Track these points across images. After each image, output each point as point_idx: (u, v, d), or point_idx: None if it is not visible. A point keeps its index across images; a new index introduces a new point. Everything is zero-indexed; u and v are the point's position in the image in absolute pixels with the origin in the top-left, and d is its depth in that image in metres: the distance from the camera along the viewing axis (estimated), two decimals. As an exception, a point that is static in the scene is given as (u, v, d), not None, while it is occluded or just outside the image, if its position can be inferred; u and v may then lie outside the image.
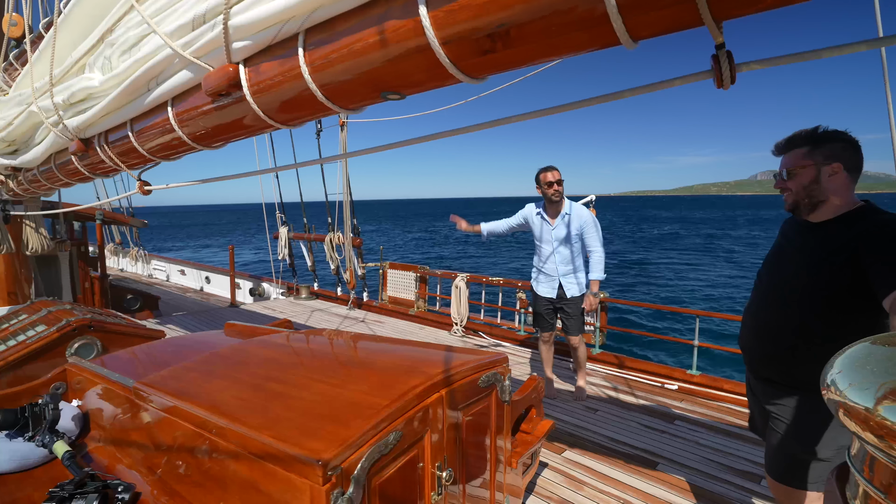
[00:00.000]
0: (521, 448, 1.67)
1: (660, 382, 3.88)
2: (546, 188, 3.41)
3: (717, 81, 0.87)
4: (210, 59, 1.40)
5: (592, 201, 4.74)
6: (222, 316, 6.79)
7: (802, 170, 1.38)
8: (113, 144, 2.11)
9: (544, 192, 3.44)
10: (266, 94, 1.34)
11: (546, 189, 3.42)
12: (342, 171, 7.30)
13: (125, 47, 1.63)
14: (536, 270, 3.64)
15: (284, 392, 1.19)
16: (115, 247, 12.93)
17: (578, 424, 3.12)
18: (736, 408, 3.43)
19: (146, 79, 1.61)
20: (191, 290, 9.93)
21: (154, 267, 11.79)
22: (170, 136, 1.78)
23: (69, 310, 3.31)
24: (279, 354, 1.51)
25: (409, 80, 1.10)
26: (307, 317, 6.78)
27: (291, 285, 8.55)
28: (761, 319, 1.44)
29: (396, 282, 7.25)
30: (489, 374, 1.41)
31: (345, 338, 1.79)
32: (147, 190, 2.41)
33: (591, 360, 4.45)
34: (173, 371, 1.49)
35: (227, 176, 1.98)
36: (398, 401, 1.09)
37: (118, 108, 1.84)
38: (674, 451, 2.78)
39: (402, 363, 1.35)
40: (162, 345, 2.27)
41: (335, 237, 7.58)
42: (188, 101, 1.59)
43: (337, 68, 1.15)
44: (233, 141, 1.77)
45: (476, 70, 1.01)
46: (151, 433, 1.36)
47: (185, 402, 1.22)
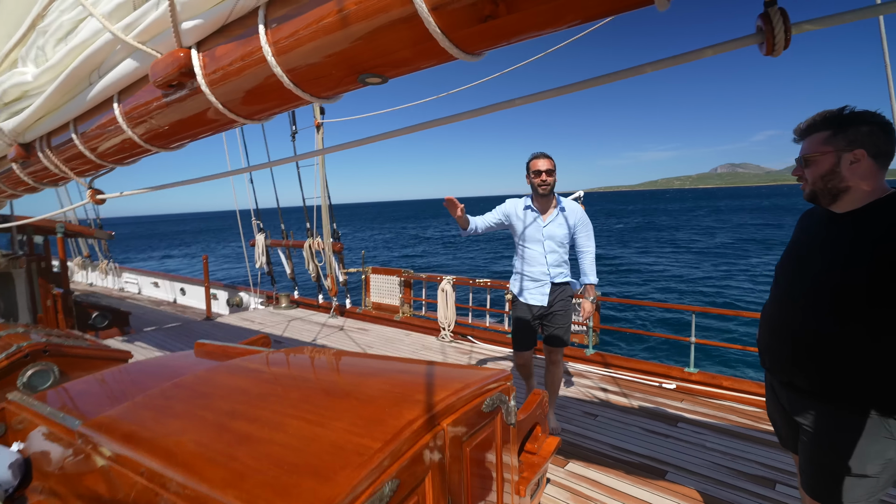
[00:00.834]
0: (528, 472, 1.51)
1: (657, 382, 3.79)
2: (532, 177, 2.89)
3: (766, 47, 0.73)
4: (157, 43, 1.20)
5: (581, 197, 4.61)
6: (196, 330, 6.47)
7: (820, 157, 1.26)
8: (57, 149, 1.87)
9: (531, 184, 2.94)
10: (225, 84, 1.15)
11: (532, 178, 2.90)
12: (319, 174, 7.06)
13: (60, 35, 1.41)
14: (520, 276, 3.03)
15: (253, 434, 1.00)
16: (83, 260, 12.34)
17: (579, 433, 2.98)
18: (738, 406, 3.35)
19: (86, 70, 1.40)
20: (165, 303, 9.51)
21: (125, 280, 11.28)
22: (119, 138, 1.57)
23: (22, 333, 3.02)
24: (249, 383, 1.31)
25: (391, 59, 0.93)
26: (288, 327, 6.51)
27: (271, 294, 8.25)
28: (787, 321, 1.31)
29: (380, 287, 7.04)
30: (493, 396, 1.25)
31: (326, 358, 1.60)
32: (100, 199, 2.17)
33: (585, 361, 4.33)
34: (126, 408, 1.28)
35: (194, 179, 1.77)
36: (393, 441, 0.91)
37: (58, 107, 1.62)
38: (681, 457, 2.67)
39: (393, 390, 1.17)
40: (122, 372, 2.04)
41: (314, 243, 7.33)
42: (137, 96, 1.39)
43: (306, 48, 0.97)
44: (192, 140, 1.57)
45: (472, 43, 0.85)
46: (100, 486, 1.15)
47: (136, 451, 1.03)
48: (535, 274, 2.97)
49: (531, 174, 2.89)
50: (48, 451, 1.43)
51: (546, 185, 2.87)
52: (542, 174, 2.86)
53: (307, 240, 7.39)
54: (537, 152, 2.93)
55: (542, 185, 2.86)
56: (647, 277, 18.51)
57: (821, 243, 1.29)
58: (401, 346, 5.37)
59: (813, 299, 1.26)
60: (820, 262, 1.26)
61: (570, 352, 4.50)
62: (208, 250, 40.91)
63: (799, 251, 1.36)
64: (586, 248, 3.04)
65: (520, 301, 3.02)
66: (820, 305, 1.24)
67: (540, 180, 2.86)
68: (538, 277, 2.97)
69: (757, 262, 22.15)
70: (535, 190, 2.91)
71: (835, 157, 1.24)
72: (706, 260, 23.57)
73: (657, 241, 33.19)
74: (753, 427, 3.02)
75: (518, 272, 3.06)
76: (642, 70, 0.82)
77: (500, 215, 3.06)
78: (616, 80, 0.84)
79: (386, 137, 1.18)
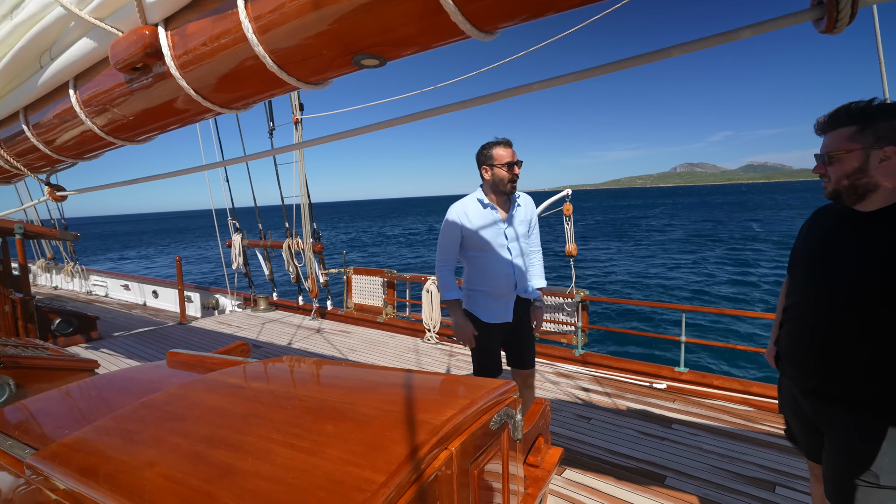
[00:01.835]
0: (532, 489, 1.42)
1: (647, 382, 3.76)
2: (502, 171, 2.29)
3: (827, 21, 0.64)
4: (118, 20, 1.06)
5: (569, 195, 4.55)
6: (170, 335, 6.18)
7: (846, 154, 1.19)
8: (6, 142, 1.69)
9: (497, 178, 2.30)
10: (198, 66, 1.01)
11: (501, 172, 2.29)
12: (299, 172, 6.84)
13: (4, 10, 1.25)
14: (477, 293, 2.38)
15: (235, 465, 0.87)
16: (46, 263, 11.75)
17: (573, 437, 2.91)
18: (730, 405, 3.33)
19: (35, 51, 1.24)
20: (136, 307, 9.11)
21: (93, 283, 10.78)
22: (78, 129, 1.41)
23: (-26, 344, 2.79)
24: (229, 402, 1.18)
25: (393, 36, 0.81)
26: (267, 331, 6.29)
27: (248, 296, 7.98)
28: (816, 326, 1.25)
29: (362, 288, 6.87)
30: (501, 411, 1.15)
31: (314, 370, 1.47)
32: (60, 196, 1.99)
33: (575, 362, 4.28)
34: (86, 434, 1.13)
35: (165, 174, 1.62)
36: (398, 473, 0.80)
37: (4, 94, 1.45)
38: (678, 461, 2.62)
39: (392, 408, 1.05)
40: (85, 388, 1.87)
41: (294, 243, 7.11)
42: (96, 81, 1.24)
43: (293, 24, 0.85)
44: (161, 132, 1.41)
45: (488, 17, 0.74)
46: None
47: (95, 491, 0.88)
48: (498, 288, 2.35)
49: (496, 166, 2.29)
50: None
51: (516, 180, 2.33)
52: (515, 166, 2.30)
53: (286, 240, 7.17)
54: (500, 138, 2.34)
55: (514, 179, 2.31)
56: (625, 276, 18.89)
57: (851, 246, 1.21)
58: (385, 350, 5.23)
59: (848, 302, 1.19)
60: (856, 264, 1.19)
61: (559, 353, 4.45)
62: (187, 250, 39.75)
63: (825, 252, 1.28)
64: (536, 245, 2.55)
65: (482, 324, 2.35)
66: (858, 308, 1.17)
67: (512, 174, 2.30)
68: (502, 291, 2.35)
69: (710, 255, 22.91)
70: (502, 186, 2.31)
71: (863, 154, 1.18)
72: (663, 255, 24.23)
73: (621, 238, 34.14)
74: (747, 427, 3.00)
75: (474, 289, 2.39)
76: (670, 53, 0.73)
77: (455, 237, 2.37)
78: (640, 65, 0.74)
79: (366, 132, 1.06)
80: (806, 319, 1.30)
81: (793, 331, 1.34)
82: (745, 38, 0.64)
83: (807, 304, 1.30)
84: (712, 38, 0.65)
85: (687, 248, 26.44)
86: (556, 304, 4.72)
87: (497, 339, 2.40)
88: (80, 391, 1.81)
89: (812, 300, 1.29)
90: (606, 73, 0.77)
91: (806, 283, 1.32)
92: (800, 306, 1.33)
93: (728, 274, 17.91)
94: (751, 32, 0.66)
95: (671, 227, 42.32)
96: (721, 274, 17.99)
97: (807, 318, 1.30)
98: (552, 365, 4.33)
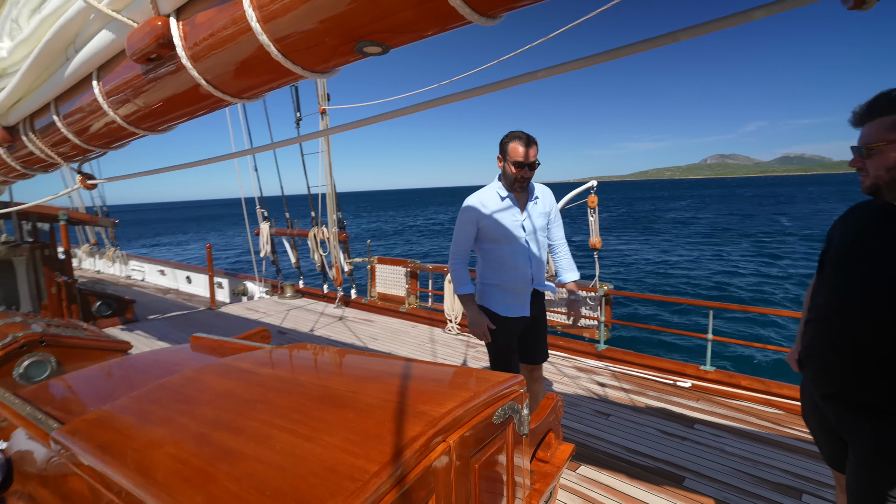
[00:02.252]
0: (540, 484, 1.40)
1: (671, 380, 3.66)
2: (511, 168, 2.21)
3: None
4: (133, 11, 1.08)
5: (594, 187, 4.43)
6: (199, 320, 6.42)
7: (886, 146, 1.11)
8: (41, 132, 1.77)
9: (507, 173, 2.24)
10: (208, 57, 1.03)
11: (510, 169, 2.22)
12: (324, 161, 6.93)
13: (34, 4, 1.29)
14: (492, 287, 2.33)
15: (236, 448, 0.90)
16: (90, 248, 12.38)
17: (590, 433, 2.86)
18: (758, 407, 3.20)
19: (61, 43, 1.28)
20: (171, 291, 9.50)
21: (132, 267, 11.30)
22: (102, 120, 1.46)
23: (20, 322, 2.96)
24: (238, 386, 1.21)
25: (392, 22, 0.80)
26: (291, 318, 6.44)
27: (276, 283, 8.19)
28: (842, 330, 1.18)
29: (386, 277, 6.94)
30: (505, 406, 1.13)
31: (323, 357, 1.49)
32: (91, 184, 2.08)
33: (596, 357, 4.21)
34: (106, 412, 1.18)
35: (194, 162, 1.66)
36: (392, 463, 0.80)
37: (36, 86, 1.51)
38: (699, 462, 2.54)
39: (394, 398, 1.05)
40: (114, 367, 1.96)
41: (319, 232, 7.23)
42: (117, 72, 1.27)
43: (295, 12, 0.85)
44: (181, 122, 1.45)
45: (489, 1, 0.72)
46: (74, 497, 1.06)
47: (109, 465, 0.93)
48: (514, 282, 2.30)
49: (510, 163, 2.22)
50: (28, 453, 1.35)
51: (526, 181, 2.25)
52: (526, 168, 2.20)
53: (312, 229, 7.30)
54: (518, 132, 2.23)
55: (522, 181, 2.23)
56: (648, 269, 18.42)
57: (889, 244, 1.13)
58: (406, 339, 5.28)
59: (882, 305, 1.11)
60: (890, 265, 1.11)
61: (581, 347, 4.38)
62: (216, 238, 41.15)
63: (859, 250, 1.20)
64: (561, 238, 2.51)
65: (499, 318, 2.30)
66: (894, 312, 1.09)
67: (521, 175, 2.21)
68: (520, 284, 2.31)
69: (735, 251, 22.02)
70: (511, 183, 2.27)
71: None
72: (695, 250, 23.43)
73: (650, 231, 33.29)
74: (775, 431, 2.88)
75: (488, 283, 2.34)
76: (678, 37, 0.68)
77: (472, 229, 2.28)
78: (651, 49, 0.70)
79: (389, 118, 1.06)
80: (832, 321, 1.22)
81: (817, 332, 1.27)
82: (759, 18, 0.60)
83: (834, 305, 1.23)
84: (721, 21, 0.61)
85: (712, 242, 25.60)
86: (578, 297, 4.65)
87: (515, 333, 2.37)
88: (109, 370, 1.90)
89: (840, 301, 1.21)
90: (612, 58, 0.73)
91: (835, 283, 1.24)
92: (826, 307, 1.25)
93: (755, 269, 17.25)
94: (763, 13, 0.61)
95: (696, 219, 41.17)
96: (748, 269, 17.34)
97: (833, 319, 1.22)
98: (573, 359, 4.28)
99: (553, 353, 4.44)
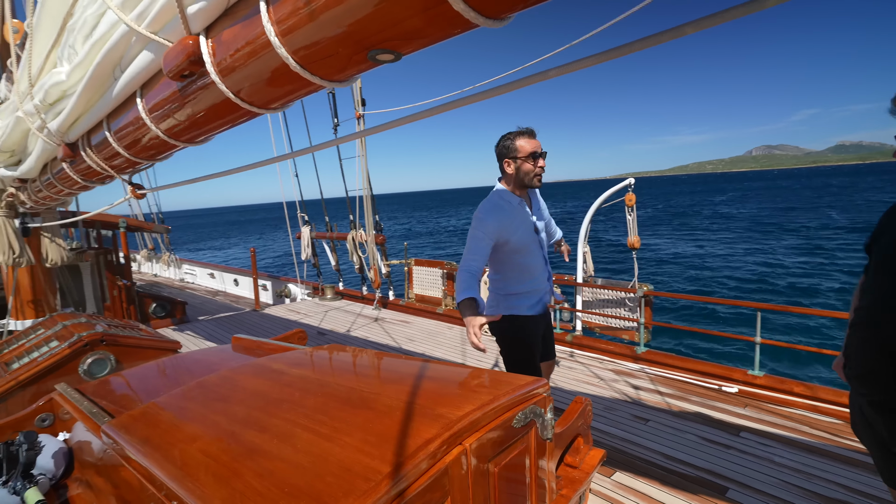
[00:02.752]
0: (567, 490, 1.37)
1: (716, 385, 3.48)
2: (527, 164, 2.14)
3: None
4: (168, 32, 1.15)
5: (632, 185, 4.30)
6: (245, 321, 6.72)
7: None
8: (96, 148, 1.92)
9: (522, 172, 2.16)
10: (234, 71, 1.08)
11: (526, 165, 2.14)
12: (361, 165, 7.09)
13: (86, 31, 1.40)
14: (521, 296, 2.28)
15: (261, 446, 0.94)
16: (148, 252, 13.23)
17: (627, 438, 2.77)
18: (813, 416, 2.98)
19: (109, 65, 1.39)
20: (219, 294, 10.01)
21: (185, 271, 11.99)
22: (147, 134, 1.56)
23: (85, 323, 3.21)
24: (269, 386, 1.26)
25: (400, 31, 0.81)
26: (330, 319, 6.63)
27: (316, 286, 8.45)
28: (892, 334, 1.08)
29: (423, 279, 7.01)
30: (526, 410, 1.12)
31: (351, 359, 1.53)
32: (140, 194, 2.22)
33: (636, 360, 4.07)
34: (150, 408, 1.27)
35: (236, 168, 1.75)
36: (404, 465, 0.81)
37: (90, 105, 1.64)
38: (744, 472, 2.40)
39: (413, 401, 1.07)
40: (163, 366, 2.09)
41: (357, 235, 7.40)
42: (157, 90, 1.36)
43: (309, 26, 0.88)
44: (215, 133, 1.53)
45: (492, 2, 0.71)
46: (122, 485, 1.14)
47: (146, 458, 0.99)
48: (538, 283, 2.28)
49: (521, 159, 2.14)
50: (85, 444, 1.46)
51: (542, 173, 2.19)
52: (540, 158, 2.15)
53: (350, 232, 7.48)
54: (516, 130, 2.19)
55: (540, 172, 2.17)
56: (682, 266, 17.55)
57: None
58: (442, 340, 5.31)
59: None
60: None
61: (620, 349, 4.25)
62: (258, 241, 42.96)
63: None
64: (556, 228, 2.58)
65: (525, 318, 2.26)
66: None
67: (538, 166, 2.15)
68: (539, 286, 2.29)
69: None
70: (528, 180, 2.17)
71: None
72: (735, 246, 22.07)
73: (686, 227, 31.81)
74: (831, 442, 2.68)
75: (516, 292, 2.27)
76: (683, 31, 0.65)
77: (490, 239, 2.15)
78: (652, 46, 0.68)
79: (422, 117, 1.07)
80: (879, 324, 1.13)
81: (865, 337, 1.17)
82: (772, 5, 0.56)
83: (879, 308, 1.13)
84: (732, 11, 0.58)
85: (755, 238, 24.14)
86: (617, 298, 4.51)
87: (540, 330, 2.35)
88: (157, 369, 2.02)
89: (885, 303, 1.12)
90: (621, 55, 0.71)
91: (884, 283, 1.15)
92: (872, 309, 1.16)
93: (803, 268, 16.05)
94: None
95: (739, 214, 39.09)
96: (795, 267, 16.16)
97: (879, 322, 1.13)
98: (612, 362, 4.16)
99: (590, 355, 4.34)
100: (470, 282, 2.11)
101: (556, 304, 4.95)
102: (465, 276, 2.12)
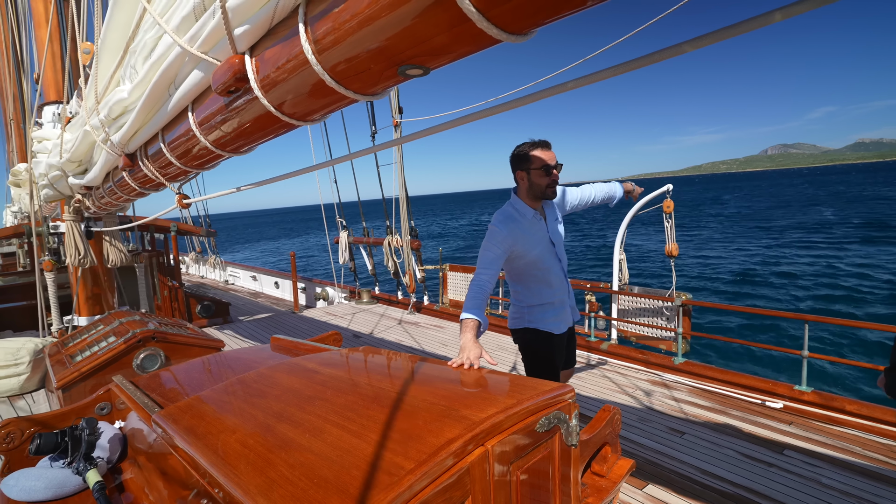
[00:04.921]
0: (593, 498, 1.36)
1: (759, 399, 3.32)
2: (541, 176, 2.13)
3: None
4: (217, 52, 1.25)
5: (670, 192, 4.18)
6: (284, 322, 6.97)
7: None
8: (152, 158, 2.07)
9: (536, 184, 2.15)
10: (275, 87, 1.16)
11: (540, 178, 2.13)
12: (398, 173, 7.22)
13: (145, 52, 1.53)
14: (544, 307, 2.27)
15: (294, 439, 0.99)
16: (196, 255, 13.94)
17: (661, 451, 2.69)
18: (865, 436, 2.79)
19: (165, 83, 1.51)
20: (261, 295, 10.41)
21: (229, 273, 12.55)
22: (196, 145, 1.68)
23: (138, 321, 3.44)
24: (303, 384, 1.33)
25: (428, 47, 0.85)
26: (366, 322, 6.77)
27: (353, 290, 8.65)
28: None
29: (457, 284, 7.05)
30: (550, 415, 1.13)
31: (382, 361, 1.58)
32: (186, 203, 2.37)
33: (674, 371, 3.94)
34: (193, 401, 1.36)
35: (272, 178, 1.84)
36: (427, 462, 0.84)
37: (148, 119, 1.77)
38: (787, 493, 2.27)
39: (438, 402, 1.10)
40: (207, 363, 2.22)
41: (393, 240, 7.53)
42: (206, 105, 1.47)
43: (344, 44, 0.93)
44: (258, 144, 1.63)
45: (513, 20, 0.75)
46: (169, 470, 1.24)
47: (191, 446, 1.07)
48: (558, 295, 2.27)
49: (534, 170, 2.13)
50: (138, 431, 1.58)
51: (556, 185, 2.18)
52: (554, 170, 2.14)
53: (386, 237, 7.62)
54: (530, 141, 2.17)
55: (554, 184, 2.15)
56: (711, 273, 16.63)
57: None
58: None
59: None
60: None
61: (657, 359, 4.12)
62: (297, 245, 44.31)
63: None
64: (579, 194, 2.48)
65: (544, 334, 2.25)
66: None
67: (552, 179, 2.14)
68: (560, 299, 2.28)
69: None
70: (541, 193, 2.15)
71: None
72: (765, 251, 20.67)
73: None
74: (886, 465, 2.50)
75: (538, 304, 2.26)
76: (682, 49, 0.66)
77: (505, 253, 2.12)
78: (654, 62, 0.69)
79: (457, 125, 1.11)
80: None
81: None
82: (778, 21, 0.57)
83: None
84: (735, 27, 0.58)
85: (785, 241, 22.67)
86: (654, 307, 4.39)
87: (562, 347, 2.35)
88: (202, 365, 2.15)
89: None
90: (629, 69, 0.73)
91: None
92: None
93: (848, 274, 14.86)
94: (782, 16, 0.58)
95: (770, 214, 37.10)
96: (841, 273, 14.99)
97: None
98: (648, 372, 4.04)
99: (626, 364, 4.23)
100: (477, 299, 2.06)
101: (591, 310, 4.86)
102: (474, 290, 2.07)
